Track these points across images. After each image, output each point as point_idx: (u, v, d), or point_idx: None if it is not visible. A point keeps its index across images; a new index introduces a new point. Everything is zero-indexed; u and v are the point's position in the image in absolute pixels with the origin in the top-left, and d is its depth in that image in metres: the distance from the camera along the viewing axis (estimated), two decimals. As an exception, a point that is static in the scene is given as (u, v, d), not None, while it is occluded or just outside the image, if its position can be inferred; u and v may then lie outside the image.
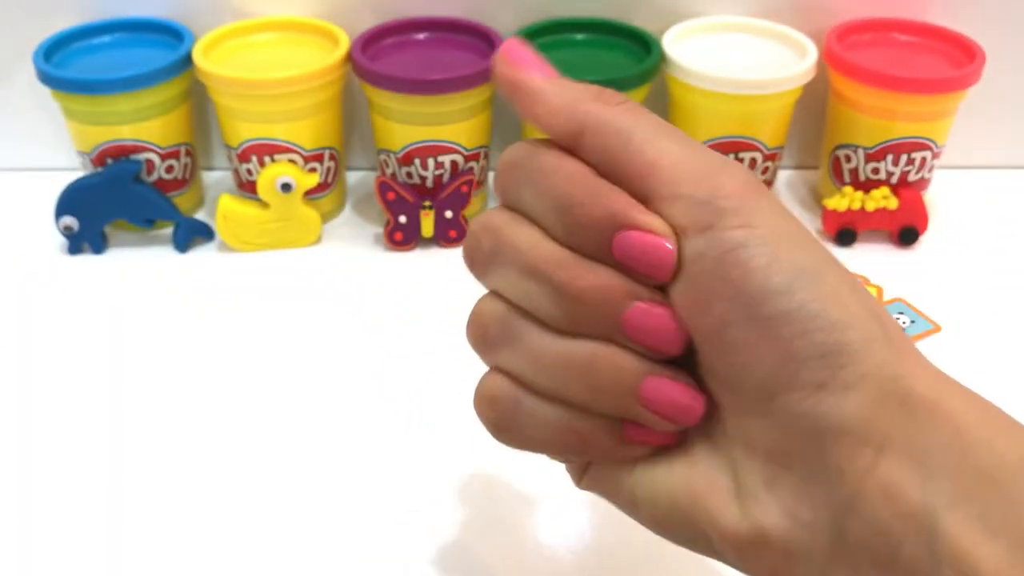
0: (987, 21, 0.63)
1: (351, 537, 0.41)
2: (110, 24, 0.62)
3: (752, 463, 0.24)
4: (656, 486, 0.25)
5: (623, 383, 0.24)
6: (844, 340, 0.22)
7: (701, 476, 0.25)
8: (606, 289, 0.24)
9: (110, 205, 0.59)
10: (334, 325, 0.54)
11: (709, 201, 0.23)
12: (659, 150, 0.24)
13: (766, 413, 0.23)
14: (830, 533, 0.22)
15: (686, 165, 0.23)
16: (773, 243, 0.22)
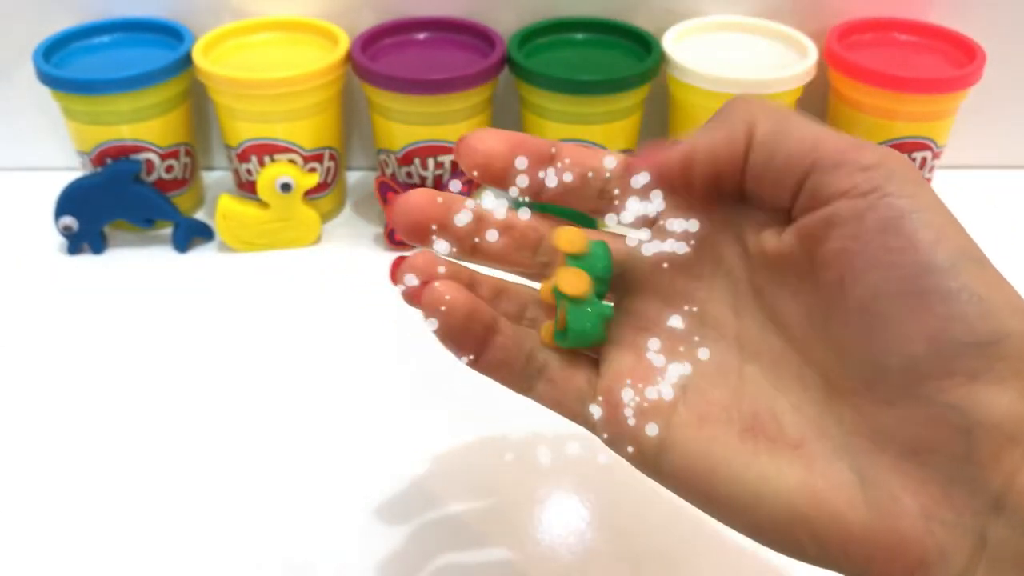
0: (987, 21, 0.63)
1: (351, 537, 0.41)
2: (110, 24, 0.62)
3: (882, 458, 0.22)
4: (764, 487, 0.23)
5: None
6: (1005, 330, 0.20)
7: (820, 475, 0.23)
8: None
9: (110, 205, 0.59)
10: (334, 325, 0.54)
11: (874, 166, 0.22)
12: (816, 132, 0.24)
13: (907, 401, 0.21)
14: (972, 536, 0.21)
15: (848, 141, 0.24)
16: (940, 219, 0.22)
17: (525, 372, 0.28)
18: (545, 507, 0.42)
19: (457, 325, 0.27)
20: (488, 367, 0.28)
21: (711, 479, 0.24)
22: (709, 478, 0.24)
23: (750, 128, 0.25)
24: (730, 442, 0.24)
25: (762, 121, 0.25)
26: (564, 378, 0.28)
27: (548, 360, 0.28)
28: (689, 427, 0.25)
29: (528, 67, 0.58)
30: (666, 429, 0.25)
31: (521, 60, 0.58)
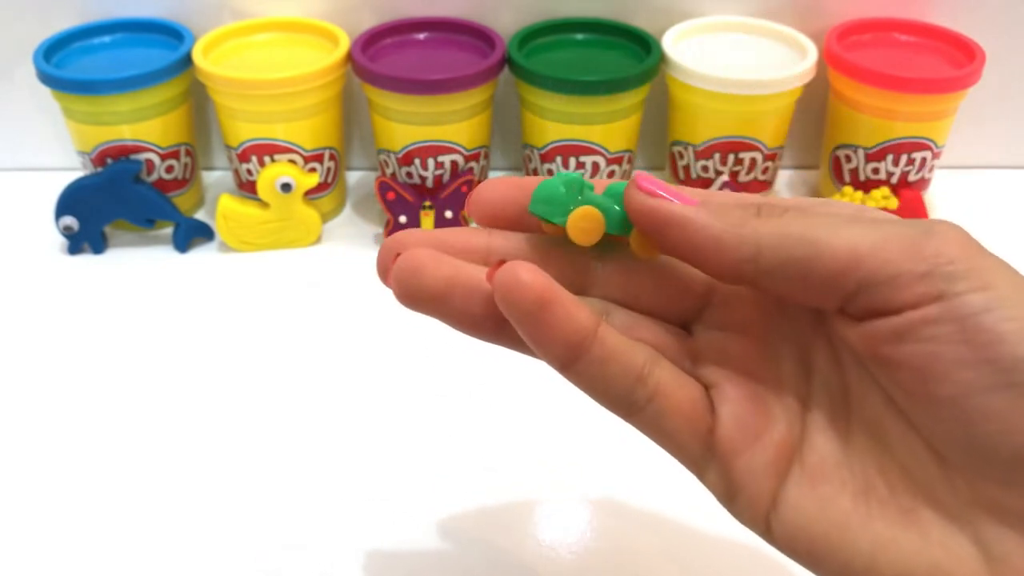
0: (987, 21, 0.63)
1: (350, 537, 0.41)
2: (110, 24, 0.62)
3: (1005, 531, 0.21)
4: (879, 555, 0.22)
5: None
6: None
7: (939, 544, 0.22)
8: None
9: (110, 205, 0.59)
10: (334, 325, 0.54)
11: (931, 271, 0.21)
12: (852, 240, 0.22)
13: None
14: None
15: (889, 244, 0.21)
16: (1019, 305, 0.21)
17: (629, 396, 0.24)
18: (545, 507, 0.42)
19: (532, 310, 0.23)
20: (580, 379, 0.24)
21: (824, 543, 0.23)
22: (822, 542, 0.23)
23: (760, 239, 0.23)
24: (843, 505, 0.23)
25: (768, 246, 0.22)
26: (677, 410, 0.25)
27: (661, 386, 0.24)
28: (802, 486, 0.24)
29: (528, 67, 0.58)
30: (780, 487, 0.24)
31: (521, 60, 0.58)
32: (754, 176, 0.61)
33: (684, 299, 0.26)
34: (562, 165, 0.60)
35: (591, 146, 0.59)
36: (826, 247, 0.22)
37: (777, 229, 0.22)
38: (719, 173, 0.61)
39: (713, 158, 0.61)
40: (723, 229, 0.23)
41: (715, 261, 0.23)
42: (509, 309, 0.23)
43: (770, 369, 0.25)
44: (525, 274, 0.23)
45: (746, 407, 0.25)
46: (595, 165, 0.60)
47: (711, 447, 0.24)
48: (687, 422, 0.25)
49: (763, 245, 0.22)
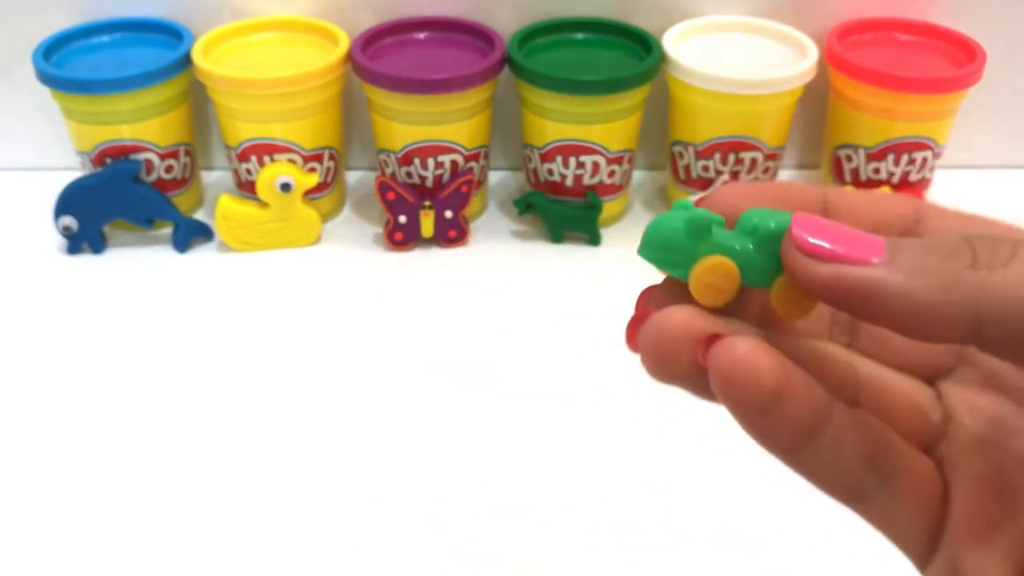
0: (988, 21, 0.63)
1: (350, 537, 0.41)
2: (109, 24, 0.62)
3: None
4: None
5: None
6: None
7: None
8: None
9: (109, 205, 0.59)
10: (334, 325, 0.54)
11: None
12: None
13: None
14: None
15: None
16: None
17: (860, 483, 0.20)
18: (546, 506, 0.42)
19: (763, 404, 0.18)
20: (808, 467, 0.20)
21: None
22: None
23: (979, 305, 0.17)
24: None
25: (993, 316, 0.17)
26: (911, 497, 0.20)
27: (895, 470, 0.20)
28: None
29: (528, 67, 0.58)
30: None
31: (521, 60, 0.58)
32: (755, 176, 0.61)
33: (933, 349, 0.21)
34: (562, 165, 0.60)
35: (591, 146, 0.59)
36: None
37: (1000, 285, 0.16)
38: (719, 173, 0.61)
39: (714, 158, 0.60)
40: (925, 298, 0.17)
41: (927, 334, 0.18)
42: (732, 399, 0.18)
43: (1017, 446, 0.20)
44: (755, 356, 0.18)
45: (985, 492, 0.20)
46: (595, 165, 0.60)
47: (940, 535, 0.20)
48: (920, 511, 0.20)
49: (985, 314, 0.17)
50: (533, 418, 0.47)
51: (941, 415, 0.21)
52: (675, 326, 0.19)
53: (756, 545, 0.40)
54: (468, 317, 0.54)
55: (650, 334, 0.19)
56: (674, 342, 0.19)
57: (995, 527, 0.20)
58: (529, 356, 0.51)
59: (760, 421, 0.18)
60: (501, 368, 0.51)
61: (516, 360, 0.51)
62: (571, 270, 0.59)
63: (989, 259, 0.17)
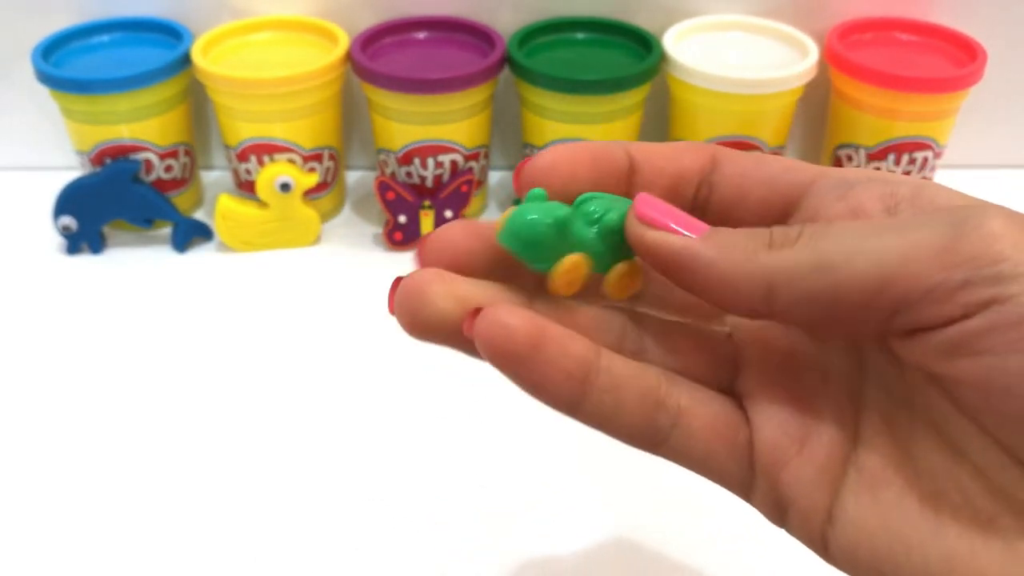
0: (989, 20, 0.63)
1: (350, 537, 0.41)
2: (108, 23, 0.62)
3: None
4: (953, 570, 0.20)
5: None
6: None
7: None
8: None
9: (109, 205, 0.59)
10: (333, 325, 0.54)
11: (971, 278, 0.18)
12: (874, 260, 0.19)
13: None
14: None
15: (917, 253, 0.19)
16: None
17: (651, 424, 0.22)
18: (546, 506, 0.42)
19: (520, 355, 0.20)
20: (595, 418, 0.22)
21: (890, 559, 0.20)
22: (887, 558, 0.20)
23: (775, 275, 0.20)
24: (909, 515, 0.20)
25: (781, 283, 0.20)
26: (706, 429, 0.22)
27: (684, 406, 0.22)
28: (860, 495, 0.21)
29: (528, 66, 0.58)
30: (835, 497, 0.21)
31: (521, 59, 0.58)
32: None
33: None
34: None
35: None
36: (846, 275, 0.19)
37: (788, 261, 0.20)
38: (720, 173, 0.61)
39: (714, 158, 0.60)
40: (728, 267, 0.20)
41: (727, 302, 0.21)
42: (496, 361, 0.21)
43: (813, 364, 0.23)
44: (505, 317, 0.20)
45: (787, 411, 0.22)
46: (595, 165, 0.60)
47: (751, 463, 0.22)
48: (720, 440, 0.22)
49: (775, 283, 0.20)
50: (533, 418, 0.47)
51: (731, 352, 0.23)
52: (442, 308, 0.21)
53: (756, 545, 0.40)
54: (468, 317, 0.54)
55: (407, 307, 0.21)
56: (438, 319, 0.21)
57: (802, 443, 0.22)
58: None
59: (526, 374, 0.20)
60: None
61: (516, 360, 0.51)
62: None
63: (782, 240, 0.20)
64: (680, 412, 0.22)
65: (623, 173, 0.24)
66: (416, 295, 0.21)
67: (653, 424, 0.22)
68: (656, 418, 0.22)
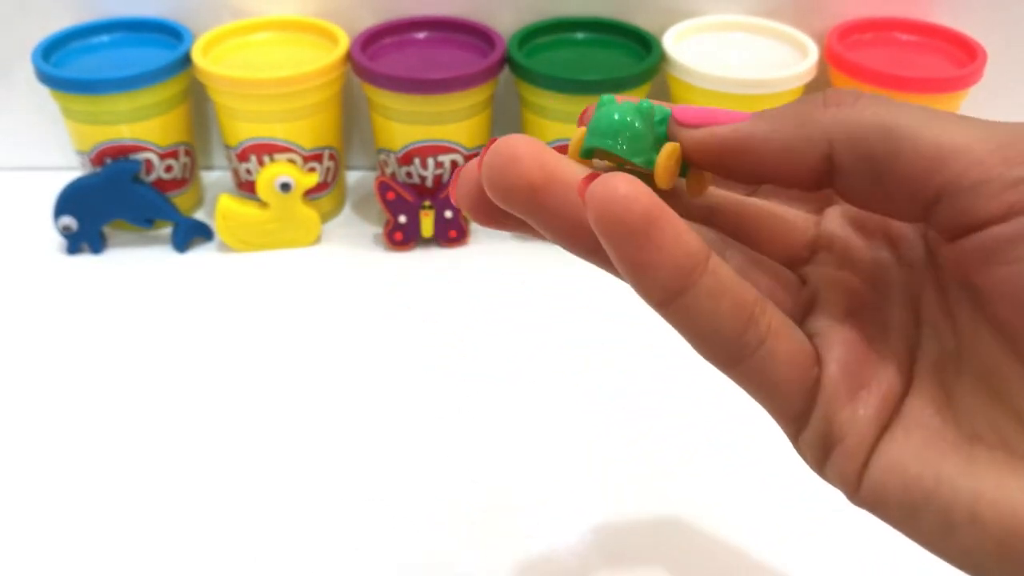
0: (988, 20, 0.63)
1: (350, 538, 0.41)
2: (109, 23, 0.62)
3: None
4: (983, 506, 0.20)
5: None
6: None
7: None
8: None
9: (109, 205, 0.59)
10: (334, 325, 0.54)
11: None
12: (941, 134, 0.19)
13: None
14: None
15: (986, 143, 0.19)
16: None
17: (739, 338, 0.21)
18: (547, 506, 0.42)
19: (636, 230, 0.19)
20: (686, 315, 0.21)
21: (919, 490, 0.20)
22: (916, 489, 0.20)
23: (833, 130, 0.20)
24: (943, 450, 0.21)
25: (841, 139, 0.19)
26: (789, 355, 0.22)
27: (774, 328, 0.21)
28: (899, 434, 0.21)
29: (528, 67, 0.58)
30: (880, 438, 0.21)
31: (521, 60, 0.58)
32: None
33: (791, 241, 0.24)
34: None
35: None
36: (908, 140, 0.19)
37: (850, 119, 0.19)
38: (720, 173, 0.61)
39: (714, 158, 0.60)
40: (786, 134, 0.20)
41: (790, 173, 0.20)
42: (607, 228, 0.19)
43: (878, 316, 0.23)
44: (626, 187, 0.19)
45: (854, 356, 0.22)
46: (595, 165, 0.60)
47: (814, 398, 0.22)
48: (796, 370, 0.22)
49: (835, 139, 0.19)
50: (533, 418, 0.47)
51: (807, 293, 0.23)
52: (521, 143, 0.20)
53: (757, 546, 0.40)
54: (468, 317, 0.54)
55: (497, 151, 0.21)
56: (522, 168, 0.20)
57: (863, 385, 0.22)
58: (529, 356, 0.51)
59: (633, 251, 0.19)
60: (501, 368, 0.51)
61: (516, 360, 0.51)
62: (571, 270, 0.59)
63: (837, 100, 0.20)
64: (769, 334, 0.21)
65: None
66: (507, 154, 0.21)
67: (741, 338, 0.21)
68: (745, 333, 0.21)
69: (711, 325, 0.21)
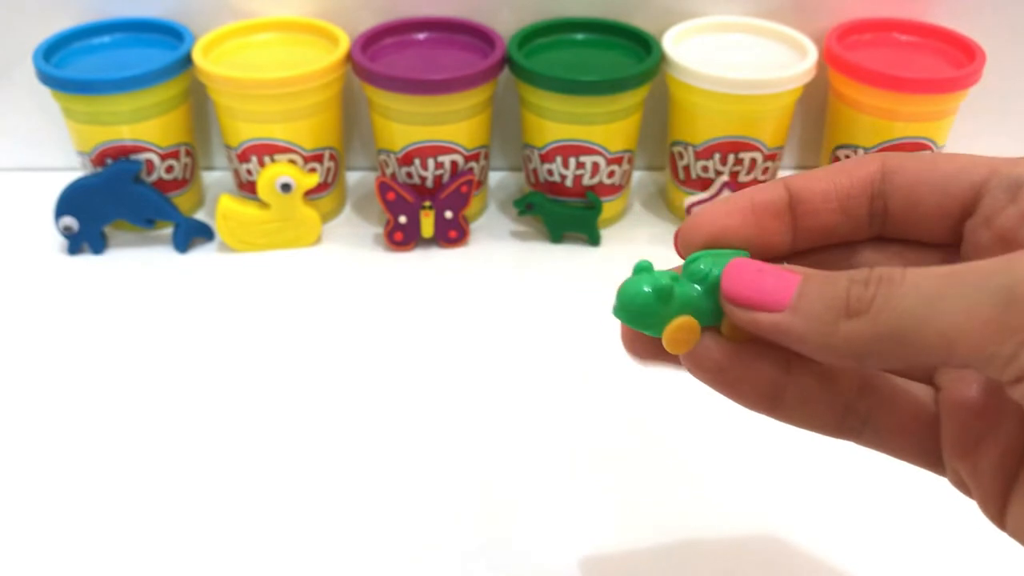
0: (987, 21, 0.63)
1: (350, 538, 0.41)
2: (110, 24, 0.62)
3: None
4: None
5: None
6: None
7: None
8: None
9: (110, 205, 0.59)
10: (334, 325, 0.54)
11: (1018, 353, 0.20)
12: (941, 330, 0.20)
13: None
14: None
15: (974, 324, 0.20)
16: None
17: (844, 422, 0.26)
18: (547, 506, 0.43)
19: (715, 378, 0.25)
20: (788, 418, 0.25)
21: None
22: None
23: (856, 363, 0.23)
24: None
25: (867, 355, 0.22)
26: (895, 428, 0.25)
27: (872, 409, 0.25)
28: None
29: (528, 67, 0.58)
30: (1008, 489, 0.23)
31: (521, 60, 0.58)
32: (754, 176, 0.61)
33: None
34: (562, 165, 0.60)
35: (591, 146, 0.59)
36: (919, 345, 0.21)
37: (867, 335, 0.21)
38: (719, 173, 0.61)
39: (713, 158, 0.61)
40: (816, 342, 0.22)
41: (823, 362, 0.24)
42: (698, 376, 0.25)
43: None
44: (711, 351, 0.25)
45: (970, 412, 0.24)
46: (595, 165, 0.60)
47: (939, 451, 0.25)
48: (908, 437, 0.25)
49: (862, 355, 0.22)
50: (533, 418, 0.47)
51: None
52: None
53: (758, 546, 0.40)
54: (468, 317, 0.55)
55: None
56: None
57: (979, 442, 0.24)
58: (529, 356, 0.51)
59: (723, 389, 0.25)
60: (501, 368, 0.51)
61: (516, 360, 0.51)
62: (571, 270, 0.59)
63: (857, 306, 0.22)
64: (870, 414, 0.25)
65: (784, 210, 0.26)
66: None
67: (844, 424, 0.25)
68: (846, 420, 0.25)
69: (811, 423, 0.26)
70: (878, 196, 0.26)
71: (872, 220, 0.26)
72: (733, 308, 0.24)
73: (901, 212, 0.26)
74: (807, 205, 0.26)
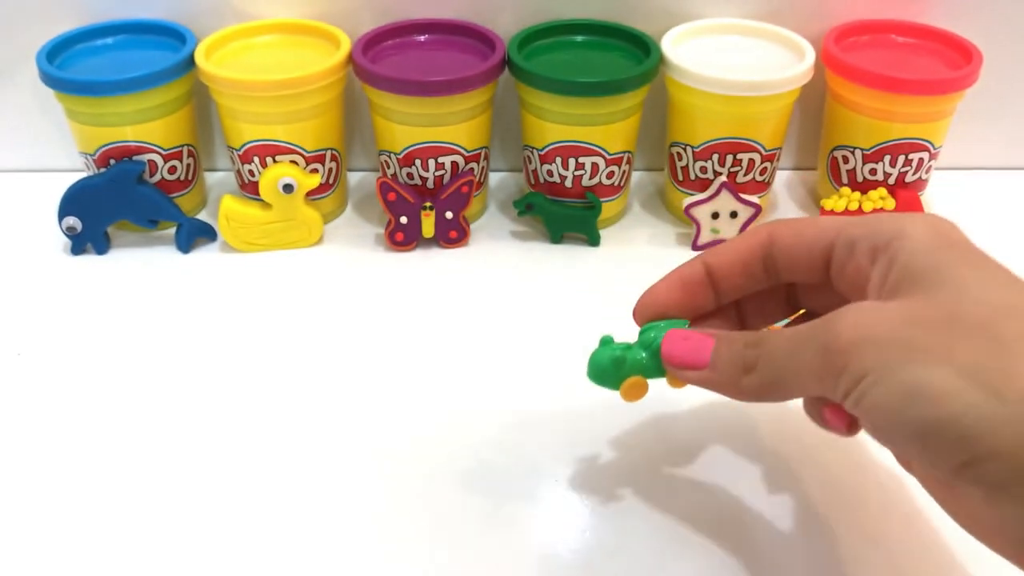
0: (984, 23, 0.64)
1: (351, 538, 0.41)
2: (113, 26, 0.63)
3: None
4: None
5: None
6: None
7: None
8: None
9: (113, 206, 0.59)
10: (335, 325, 0.54)
11: (849, 391, 0.29)
12: (791, 378, 0.31)
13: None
14: None
15: (814, 371, 0.30)
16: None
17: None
18: (547, 506, 0.43)
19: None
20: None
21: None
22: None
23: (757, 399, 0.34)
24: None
25: (760, 395, 0.33)
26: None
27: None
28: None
29: (528, 69, 0.58)
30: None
31: (521, 62, 0.59)
32: (752, 177, 0.62)
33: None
34: (562, 166, 0.60)
35: (591, 147, 0.59)
36: (784, 391, 0.32)
37: (754, 385, 0.32)
38: (718, 174, 0.61)
39: (712, 159, 0.61)
40: (731, 391, 0.33)
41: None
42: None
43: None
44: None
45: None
46: (595, 166, 0.60)
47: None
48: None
49: (760, 398, 0.32)
50: (533, 418, 0.48)
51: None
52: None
53: (759, 545, 0.41)
54: (468, 317, 0.55)
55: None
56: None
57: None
58: (529, 356, 0.52)
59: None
60: (501, 367, 0.51)
61: (516, 359, 0.52)
62: (570, 270, 0.60)
63: (751, 364, 0.32)
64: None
65: (704, 281, 0.36)
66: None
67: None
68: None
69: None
70: (768, 259, 0.35)
71: (768, 276, 0.35)
72: (670, 367, 0.35)
73: (787, 268, 0.35)
74: (719, 272, 0.36)
